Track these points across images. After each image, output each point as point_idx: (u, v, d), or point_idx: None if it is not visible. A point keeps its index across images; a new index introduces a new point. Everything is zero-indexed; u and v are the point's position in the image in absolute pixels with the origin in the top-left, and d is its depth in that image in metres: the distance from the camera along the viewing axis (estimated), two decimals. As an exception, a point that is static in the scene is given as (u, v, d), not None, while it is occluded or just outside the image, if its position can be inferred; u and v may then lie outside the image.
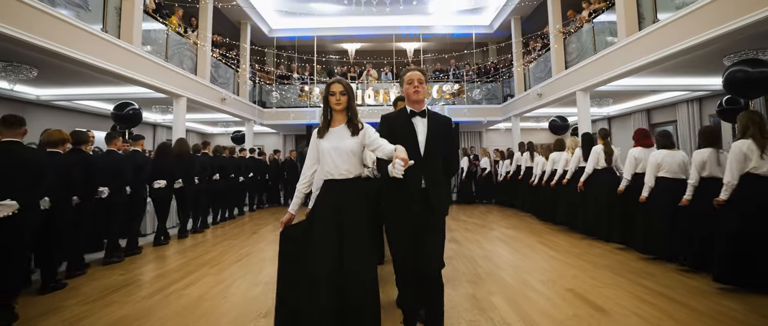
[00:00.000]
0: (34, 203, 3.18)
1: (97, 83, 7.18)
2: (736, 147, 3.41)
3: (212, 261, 4.77)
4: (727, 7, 4.70)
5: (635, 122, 11.23)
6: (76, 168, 3.77)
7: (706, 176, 3.85)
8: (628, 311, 3.05)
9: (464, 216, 8.60)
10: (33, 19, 4.69)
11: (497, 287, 3.69)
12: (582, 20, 8.17)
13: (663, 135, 4.44)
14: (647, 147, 4.78)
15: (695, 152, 3.96)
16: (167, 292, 3.65)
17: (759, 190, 3.33)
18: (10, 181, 3.00)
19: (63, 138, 3.78)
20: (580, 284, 3.73)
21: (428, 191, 2.41)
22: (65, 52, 5.13)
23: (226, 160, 8.05)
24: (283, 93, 12.80)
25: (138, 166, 4.91)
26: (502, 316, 3.00)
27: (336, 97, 2.44)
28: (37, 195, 3.22)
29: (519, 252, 5.14)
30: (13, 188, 3.00)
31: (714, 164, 3.82)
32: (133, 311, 3.20)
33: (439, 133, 2.52)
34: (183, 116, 8.00)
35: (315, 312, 2.20)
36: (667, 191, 4.24)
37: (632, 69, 6.50)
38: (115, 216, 4.62)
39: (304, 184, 2.55)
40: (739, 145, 3.41)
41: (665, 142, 4.33)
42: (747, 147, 3.36)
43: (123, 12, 6.50)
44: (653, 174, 4.32)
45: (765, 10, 4.22)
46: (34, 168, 3.11)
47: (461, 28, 13.18)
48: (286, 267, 2.38)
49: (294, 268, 2.36)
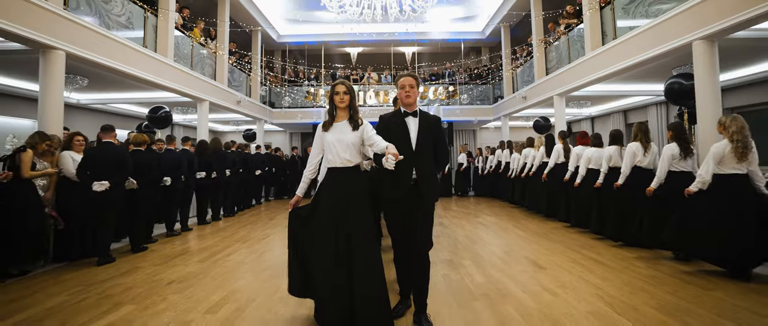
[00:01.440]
0: (120, 184, 4.38)
1: (132, 89, 8.24)
2: (629, 147, 4.66)
3: (242, 239, 5.85)
4: (667, 30, 5.72)
5: (614, 122, 12.27)
6: (151, 162, 4.91)
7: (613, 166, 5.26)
8: (560, 268, 4.12)
9: (455, 207, 9.66)
10: (95, 41, 5.74)
11: (469, 255, 4.76)
12: (559, 33, 9.19)
13: (595, 136, 5.63)
14: (585, 145, 5.94)
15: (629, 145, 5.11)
16: (214, 259, 4.72)
17: (641, 176, 4.67)
18: (106, 168, 4.26)
19: (144, 140, 4.91)
20: (533, 253, 4.80)
21: (419, 181, 2.71)
22: (116, 66, 6.18)
23: (250, 156, 9.21)
24: (292, 95, 13.84)
25: (189, 161, 6.05)
26: (468, 272, 4.06)
27: (340, 96, 2.76)
28: (120, 179, 4.37)
29: (494, 233, 6.21)
30: (107, 173, 4.20)
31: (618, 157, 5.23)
32: (193, 270, 4.27)
33: (429, 130, 2.82)
34: (206, 118, 9.07)
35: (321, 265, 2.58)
36: (593, 179, 5.48)
37: (599, 77, 7.53)
38: (174, 199, 5.91)
39: (310, 171, 2.89)
40: (631, 146, 4.68)
41: (596, 142, 5.47)
42: (636, 147, 4.62)
43: (158, 29, 7.55)
44: (585, 166, 5.53)
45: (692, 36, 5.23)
46: (119, 160, 4.26)
47: (456, 34, 14.19)
48: (296, 231, 2.81)
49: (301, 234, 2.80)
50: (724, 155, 3.71)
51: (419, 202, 2.72)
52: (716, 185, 3.76)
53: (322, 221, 2.66)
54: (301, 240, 2.79)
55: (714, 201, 3.72)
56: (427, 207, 2.75)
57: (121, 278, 4.01)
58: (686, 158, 4.26)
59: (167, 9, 7.52)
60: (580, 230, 6.15)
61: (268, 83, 13.60)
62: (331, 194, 2.70)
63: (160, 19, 7.55)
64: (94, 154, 4.47)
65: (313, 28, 13.78)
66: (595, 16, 7.59)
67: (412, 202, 2.72)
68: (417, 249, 2.71)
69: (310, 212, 2.78)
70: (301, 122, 13.45)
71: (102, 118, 10.11)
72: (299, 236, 2.80)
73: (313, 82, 14.37)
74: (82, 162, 4.44)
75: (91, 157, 4.42)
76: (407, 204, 2.72)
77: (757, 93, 7.94)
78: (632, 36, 6.47)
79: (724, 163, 3.72)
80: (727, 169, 3.71)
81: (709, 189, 3.77)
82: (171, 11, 7.60)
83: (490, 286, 3.60)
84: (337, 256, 2.56)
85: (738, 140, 3.64)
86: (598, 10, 7.54)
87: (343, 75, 14.61)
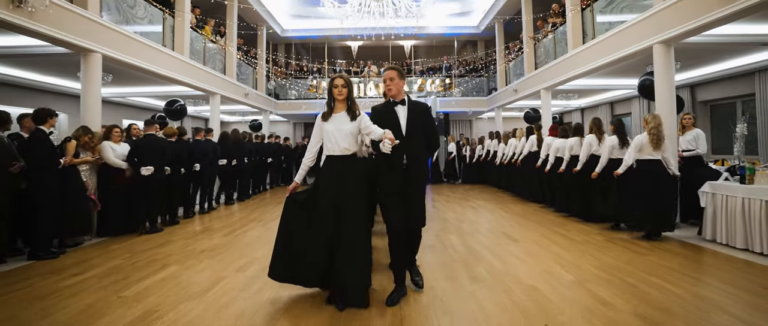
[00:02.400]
0: (161, 169, 5.18)
1: (149, 83, 8.92)
2: (586, 139, 5.52)
3: (257, 219, 6.62)
4: (632, 34, 6.37)
5: (601, 112, 12.92)
6: (182, 150, 5.68)
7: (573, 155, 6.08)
8: (531, 240, 4.88)
9: (448, 193, 10.42)
10: (125, 44, 6.41)
11: (455, 231, 5.52)
12: (545, 32, 9.83)
13: (563, 129, 6.44)
14: (554, 137, 6.77)
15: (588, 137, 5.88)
16: (235, 234, 5.49)
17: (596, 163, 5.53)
18: (149, 156, 5.06)
19: (174, 132, 5.66)
20: (511, 229, 5.56)
21: (409, 165, 2.92)
22: (143, 65, 6.87)
23: (263, 145, 10.01)
24: (297, 88, 14.52)
25: (214, 149, 6.86)
26: (451, 243, 4.82)
27: (338, 89, 2.92)
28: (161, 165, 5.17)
29: (480, 214, 6.98)
30: (150, 160, 4.97)
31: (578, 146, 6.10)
32: (219, 242, 5.03)
33: (418, 117, 2.99)
34: (218, 110, 9.78)
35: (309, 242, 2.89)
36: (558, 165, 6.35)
37: (579, 73, 8.19)
38: (202, 183, 6.83)
39: (310, 159, 3.04)
40: (588, 138, 5.55)
41: (562, 134, 6.26)
42: (592, 138, 5.48)
43: (176, 29, 8.22)
44: (554, 155, 6.39)
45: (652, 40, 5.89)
46: (159, 149, 5.02)
47: (452, 28, 14.78)
48: (288, 217, 3.03)
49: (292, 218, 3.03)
50: (643, 144, 4.71)
51: (411, 184, 2.92)
52: (639, 167, 4.77)
53: (321, 205, 2.87)
54: (292, 230, 2.99)
55: (637, 180, 4.70)
56: (418, 188, 2.98)
57: (160, 248, 4.78)
58: (623, 147, 5.05)
59: (183, 11, 8.18)
60: (555, 210, 6.91)
61: (273, 76, 14.27)
62: (330, 179, 2.89)
63: (177, 20, 8.21)
64: (141, 143, 5.33)
65: (315, 22, 14.37)
66: (576, 17, 8.23)
67: (405, 184, 2.91)
68: (411, 226, 2.95)
69: (309, 197, 2.97)
70: (304, 113, 14.16)
71: (121, 110, 10.84)
72: (291, 225, 3.00)
73: (316, 74, 15.03)
74: (131, 151, 5.27)
75: (138, 147, 5.27)
76: (400, 187, 2.91)
77: (726, 88, 8.62)
78: (607, 37, 7.13)
79: (643, 150, 4.73)
80: (646, 155, 4.73)
81: (634, 171, 4.76)
82: (186, 12, 8.26)
83: (468, 254, 4.36)
84: (330, 240, 2.84)
85: (654, 133, 4.62)
86: (579, 11, 8.18)
87: (344, 68, 15.26)
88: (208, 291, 3.28)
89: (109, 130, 5.47)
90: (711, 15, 4.80)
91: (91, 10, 5.60)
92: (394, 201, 2.91)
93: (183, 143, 6.27)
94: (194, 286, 3.39)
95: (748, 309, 2.77)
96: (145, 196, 5.25)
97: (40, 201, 4.25)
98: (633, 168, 4.87)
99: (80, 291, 3.30)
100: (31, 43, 5.34)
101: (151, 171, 5.17)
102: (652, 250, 4.33)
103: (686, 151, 5.66)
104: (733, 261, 3.95)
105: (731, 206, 4.34)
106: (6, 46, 5.62)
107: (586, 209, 5.79)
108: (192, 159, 6.23)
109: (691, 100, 9.44)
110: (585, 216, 5.88)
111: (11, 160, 4.19)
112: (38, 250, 4.16)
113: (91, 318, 2.76)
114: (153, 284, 3.46)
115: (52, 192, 4.31)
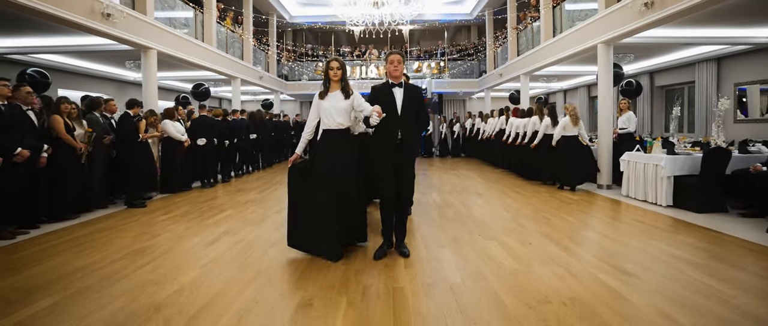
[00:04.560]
0: (211, 141, 6.77)
1: (180, 69, 10.35)
2: (531, 120, 7.28)
3: (280, 182, 8.20)
4: (585, 34, 7.75)
5: (580, 94, 14.32)
6: (225, 127, 7.27)
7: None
8: (491, 195, 6.47)
9: (439, 164, 11.99)
10: (170, 39, 7.83)
11: (436, 190, 7.10)
12: (526, 24, 11.16)
13: (522, 112, 8.05)
14: (517, 117, 8.33)
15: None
16: (267, 191, 7.07)
17: (547, 140, 7.04)
18: (202, 131, 6.62)
19: (221, 113, 7.22)
20: (480, 188, 7.15)
21: (403, 140, 3.24)
22: (183, 56, 8.30)
23: (281, 123, 11.60)
24: (302, 69, 15.91)
25: (247, 126, 8.43)
26: (432, 197, 6.39)
27: (334, 71, 3.22)
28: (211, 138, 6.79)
29: (460, 179, 8.56)
30: (203, 134, 6.56)
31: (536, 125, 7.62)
32: (257, 197, 6.61)
33: (412, 98, 3.30)
34: (239, 92, 11.25)
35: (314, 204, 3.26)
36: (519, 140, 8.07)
37: (551, 62, 9.58)
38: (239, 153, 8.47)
39: (308, 132, 3.38)
40: (532, 119, 7.31)
41: (522, 115, 7.77)
42: (535, 119, 7.03)
43: (205, 23, 9.60)
44: (515, 132, 7.94)
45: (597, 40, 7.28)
46: (209, 125, 6.59)
47: (447, 15, 15.99)
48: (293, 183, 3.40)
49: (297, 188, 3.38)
50: (566, 124, 6.47)
51: (403, 157, 3.27)
52: (564, 140, 6.62)
53: (319, 174, 3.24)
54: (298, 194, 3.35)
55: (562, 151, 6.53)
56: (409, 161, 3.34)
57: (213, 201, 6.37)
58: (554, 126, 6.67)
59: (211, 8, 9.55)
60: (519, 175, 8.48)
61: (283, 60, 15.64)
62: (327, 149, 3.26)
63: (205, 15, 9.58)
64: (198, 121, 7.07)
65: (320, 10, 15.59)
66: (548, 14, 9.57)
67: (398, 157, 3.24)
68: (405, 194, 3.33)
69: (309, 165, 3.35)
70: (310, 93, 15.61)
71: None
72: (297, 192, 3.36)
73: (322, 58, 16.38)
74: (191, 127, 6.88)
75: (196, 124, 6.98)
76: (394, 160, 3.24)
77: (677, 75, 10.03)
78: (569, 33, 8.50)
79: (566, 128, 6.54)
80: (569, 132, 6.53)
81: (560, 143, 6.63)
82: (213, 9, 9.62)
83: (443, 203, 5.94)
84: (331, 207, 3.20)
85: (572, 116, 6.38)
86: (551, 9, 9.52)
87: (347, 51, 16.58)
88: (261, 222, 4.87)
89: (169, 111, 6.97)
90: (635, 24, 6.21)
91: (148, 16, 7.02)
92: (387, 170, 3.25)
93: (226, 121, 7.88)
94: (250, 220, 4.98)
95: (614, 233, 4.34)
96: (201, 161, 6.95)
97: (130, 166, 5.80)
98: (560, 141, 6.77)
99: (174, 222, 4.90)
100: (102, 41, 6.77)
101: (204, 142, 6.77)
102: (576, 201, 5.92)
103: (621, 129, 7.16)
104: (626, 206, 5.53)
105: (638, 169, 5.88)
106: (81, 44, 7.06)
107: (533, 172, 7.69)
108: (232, 134, 7.82)
109: (650, 84, 10.87)
110: (534, 178, 7.75)
111: (105, 134, 5.73)
112: (132, 200, 5.74)
113: (193, 235, 4.35)
114: (222, 218, 5.05)
115: (137, 159, 5.85)
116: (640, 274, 3.00)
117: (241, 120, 8.74)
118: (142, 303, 2.59)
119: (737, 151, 5.64)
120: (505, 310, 2.45)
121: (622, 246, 3.75)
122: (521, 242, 3.87)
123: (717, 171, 5.03)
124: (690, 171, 5.26)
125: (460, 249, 3.70)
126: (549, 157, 7.06)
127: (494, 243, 3.87)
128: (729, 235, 4.02)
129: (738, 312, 2.38)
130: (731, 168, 5.13)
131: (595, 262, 3.29)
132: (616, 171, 6.76)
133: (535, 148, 7.42)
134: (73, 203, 4.97)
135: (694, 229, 4.29)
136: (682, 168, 5.28)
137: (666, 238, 3.98)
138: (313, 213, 3.28)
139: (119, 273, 3.14)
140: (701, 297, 2.60)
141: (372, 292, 2.74)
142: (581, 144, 6.75)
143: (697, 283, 2.81)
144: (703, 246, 3.68)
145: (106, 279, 2.99)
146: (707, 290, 2.69)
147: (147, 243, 3.97)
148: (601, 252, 3.60)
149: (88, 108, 5.74)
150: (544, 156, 7.20)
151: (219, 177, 8.12)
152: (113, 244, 3.93)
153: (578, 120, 6.60)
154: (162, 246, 3.90)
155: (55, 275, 3.09)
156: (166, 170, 6.82)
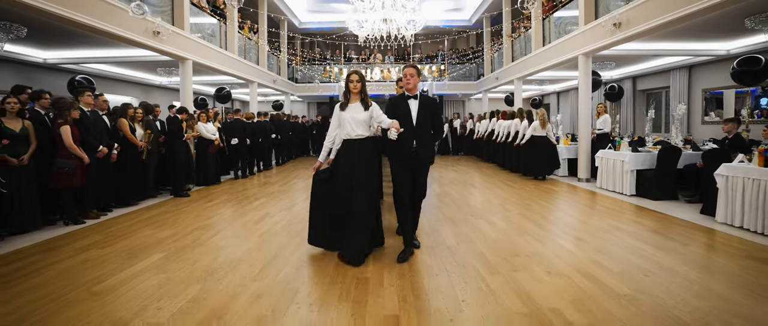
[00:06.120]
0: (244, 140, 7.75)
1: (204, 74, 11.35)
2: (513, 122, 8.24)
3: (297, 176, 9.23)
4: (568, 45, 8.76)
5: (572, 96, 15.33)
6: (255, 128, 8.29)
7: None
8: (484, 187, 7.48)
9: (439, 161, 13.01)
10: (201, 49, 8.84)
11: (437, 183, 8.11)
12: (520, 32, 12.15)
13: (510, 115, 8.99)
14: (504, 119, 9.35)
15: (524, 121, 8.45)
16: (288, 184, 8.09)
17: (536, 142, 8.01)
18: (235, 131, 7.58)
19: (252, 116, 8.26)
20: (474, 181, 8.17)
21: (418, 150, 3.43)
22: (212, 64, 9.31)
23: (298, 124, 12.65)
24: (311, 72, 16.93)
25: (270, 128, 9.49)
26: (433, 189, 7.40)
27: (353, 83, 3.39)
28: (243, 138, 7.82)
29: (457, 173, 9.57)
30: (236, 134, 7.57)
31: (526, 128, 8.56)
32: (280, 188, 7.61)
33: (427, 109, 3.49)
34: (256, 95, 12.25)
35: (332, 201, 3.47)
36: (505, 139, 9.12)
37: (541, 68, 10.57)
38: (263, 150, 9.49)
39: (330, 141, 3.55)
40: (514, 121, 8.32)
41: (507, 118, 8.79)
42: (517, 121, 8.00)
43: (228, 35, 10.60)
44: (504, 133, 8.95)
45: (578, 52, 8.28)
46: (241, 127, 7.61)
47: (447, 21, 17.00)
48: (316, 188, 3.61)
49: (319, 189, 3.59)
50: (537, 127, 7.67)
51: (418, 164, 3.48)
52: (534, 140, 7.85)
53: (340, 183, 3.42)
54: (321, 197, 3.55)
55: (533, 148, 7.72)
56: (424, 168, 3.56)
57: (245, 191, 7.38)
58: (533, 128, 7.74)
59: (233, 19, 10.55)
60: (510, 171, 9.49)
61: (293, 64, 16.66)
62: (346, 158, 3.42)
63: (228, 26, 10.59)
64: (230, 124, 8.07)
65: (327, 16, 16.62)
66: (538, 25, 10.57)
67: (414, 164, 3.46)
68: (417, 197, 3.60)
69: (330, 175, 3.52)
70: (319, 94, 16.63)
71: (174, 95, 13.31)
72: (320, 195, 3.56)
73: (330, 61, 17.41)
74: (223, 128, 7.84)
75: (227, 126, 7.92)
76: (410, 166, 3.45)
77: (656, 80, 11.03)
78: (555, 44, 9.50)
79: (536, 130, 7.78)
80: (538, 133, 7.73)
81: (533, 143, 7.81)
82: (234, 21, 10.63)
83: (441, 192, 6.95)
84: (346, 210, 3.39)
85: (541, 120, 7.55)
86: (541, 20, 10.51)
87: (352, 55, 17.59)
88: (291, 208, 5.88)
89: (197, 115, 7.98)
90: (608, 40, 7.21)
91: (185, 30, 8.03)
92: (404, 175, 3.46)
93: (255, 123, 8.97)
94: (282, 206, 6.00)
95: (581, 215, 5.35)
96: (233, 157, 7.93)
97: (175, 161, 6.81)
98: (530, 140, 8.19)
99: (220, 209, 5.91)
100: (148, 53, 7.78)
101: (236, 141, 7.78)
102: (556, 191, 6.93)
103: (599, 129, 8.17)
104: (598, 196, 6.54)
105: (609, 164, 6.89)
106: (129, 55, 8.08)
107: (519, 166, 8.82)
108: (261, 133, 8.87)
109: (633, 88, 11.88)
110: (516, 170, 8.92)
111: (160, 135, 6.75)
112: (178, 191, 6.76)
113: (240, 216, 5.36)
114: (259, 205, 6.07)
115: (182, 155, 6.87)
116: (588, 240, 4.03)
117: (264, 122, 9.77)
118: (225, 258, 3.61)
119: (691, 149, 6.65)
120: (486, 260, 3.47)
121: (583, 224, 4.78)
122: (504, 220, 4.89)
123: (670, 166, 6.04)
124: (650, 165, 6.27)
125: (456, 225, 4.72)
126: (522, 151, 8.38)
127: (483, 221, 4.89)
128: (670, 216, 5.05)
129: (650, 262, 3.39)
130: (684, 163, 6.15)
131: (558, 233, 4.32)
132: (593, 166, 7.78)
133: (518, 147, 8.67)
134: (136, 192, 5.99)
135: (645, 212, 5.30)
136: (644, 163, 6.30)
137: (619, 218, 4.99)
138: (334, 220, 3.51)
139: (197, 240, 4.16)
140: (628, 253, 3.62)
141: (389, 249, 3.75)
142: (549, 142, 8.10)
143: (630, 246, 3.83)
144: (646, 223, 4.69)
145: (190, 245, 4.01)
146: (635, 250, 3.71)
147: (207, 222, 5.00)
148: (564, 226, 4.63)
149: (145, 112, 6.75)
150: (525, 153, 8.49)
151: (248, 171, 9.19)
152: (180, 222, 4.95)
153: (546, 123, 8.03)
154: (220, 224, 4.93)
155: (149, 242, 4.11)
156: (201, 165, 7.83)
